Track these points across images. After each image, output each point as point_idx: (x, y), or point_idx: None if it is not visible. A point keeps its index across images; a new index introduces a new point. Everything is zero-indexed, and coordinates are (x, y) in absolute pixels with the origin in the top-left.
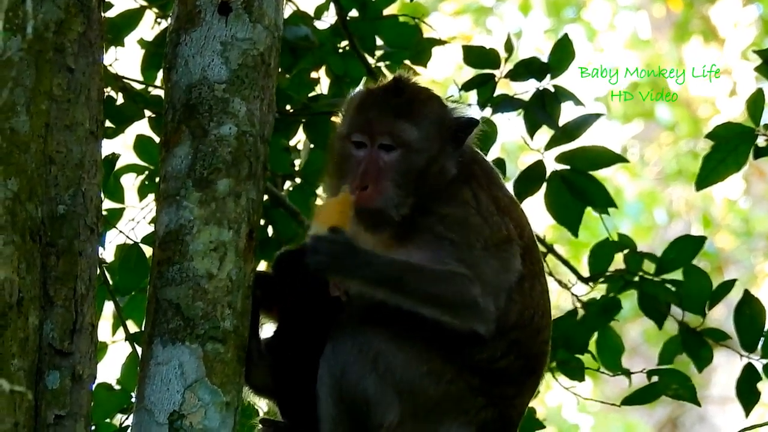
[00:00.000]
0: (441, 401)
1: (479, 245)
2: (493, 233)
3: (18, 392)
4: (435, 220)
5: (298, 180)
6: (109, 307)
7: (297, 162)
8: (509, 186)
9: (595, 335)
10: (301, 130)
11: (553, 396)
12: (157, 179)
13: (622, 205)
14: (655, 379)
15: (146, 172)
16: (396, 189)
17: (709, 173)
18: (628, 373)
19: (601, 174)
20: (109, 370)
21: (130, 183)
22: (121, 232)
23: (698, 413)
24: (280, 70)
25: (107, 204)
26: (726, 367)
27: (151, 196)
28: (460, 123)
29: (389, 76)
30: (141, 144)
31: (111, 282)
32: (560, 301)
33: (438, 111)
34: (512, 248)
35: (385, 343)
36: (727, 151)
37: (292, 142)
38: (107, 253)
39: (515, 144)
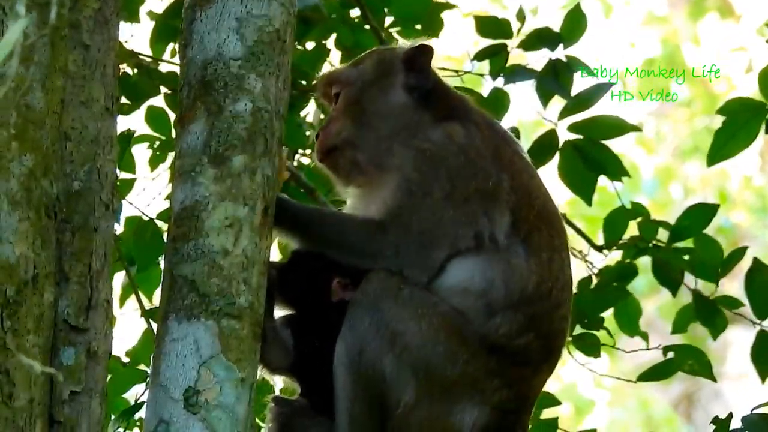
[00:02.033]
0: (457, 381)
1: (440, 194)
2: (472, 178)
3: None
4: (411, 154)
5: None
6: (117, 280)
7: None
8: None
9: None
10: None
11: (569, 372)
12: (169, 152)
13: (638, 181)
14: (670, 355)
15: (157, 143)
16: (344, 124)
17: (720, 148)
18: (646, 337)
19: (617, 150)
20: (118, 343)
21: (141, 154)
22: (131, 203)
23: (714, 389)
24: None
25: (119, 175)
26: (742, 343)
27: (161, 167)
28: (410, 49)
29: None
30: (153, 115)
31: (123, 255)
32: (577, 272)
33: (381, 52)
34: (493, 203)
35: (402, 323)
36: (738, 126)
37: (306, 117)
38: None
39: (531, 121)
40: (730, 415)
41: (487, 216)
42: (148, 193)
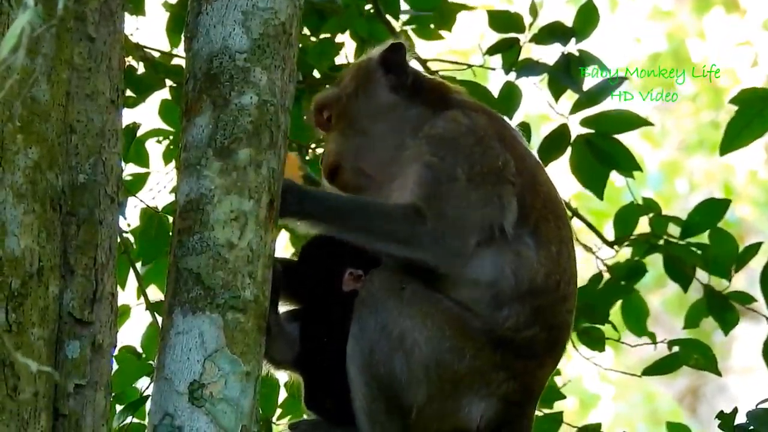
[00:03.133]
0: (464, 376)
1: (463, 176)
2: (483, 159)
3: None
4: (424, 142)
5: (318, 150)
6: (130, 273)
7: None
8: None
9: (619, 302)
10: None
11: (574, 366)
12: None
13: (643, 175)
14: (676, 349)
15: (170, 137)
16: (339, 140)
17: (734, 138)
18: (653, 337)
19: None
20: (132, 334)
21: (153, 148)
22: (141, 200)
23: (719, 384)
24: (307, 32)
25: (132, 169)
26: (747, 337)
27: (174, 162)
28: (383, 51)
29: (414, 39)
30: (166, 108)
31: (133, 248)
32: (585, 267)
33: (358, 63)
34: (502, 186)
35: (408, 321)
36: (750, 116)
37: None
38: (132, 218)
39: (538, 115)
40: (735, 410)
41: (500, 200)
42: (159, 187)
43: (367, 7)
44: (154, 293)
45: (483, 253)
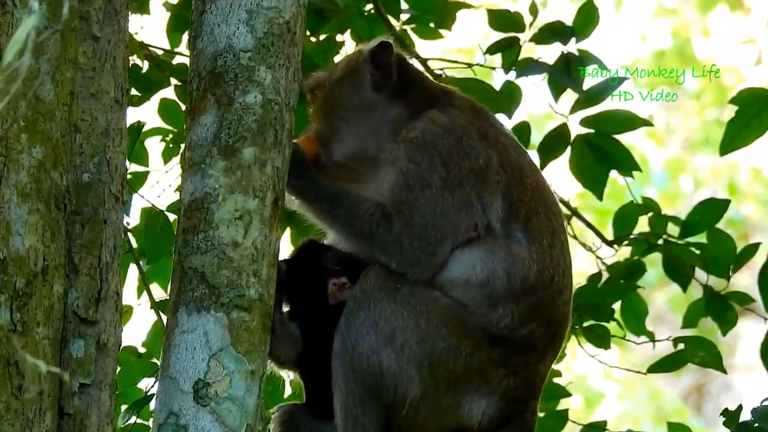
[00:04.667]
0: (462, 374)
1: (439, 182)
2: (462, 160)
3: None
4: (402, 146)
5: None
6: (133, 270)
7: None
8: (533, 153)
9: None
10: None
11: (579, 364)
12: (182, 144)
13: (648, 173)
14: (681, 346)
15: (170, 136)
16: (316, 123)
17: (733, 138)
18: (652, 337)
19: (626, 142)
20: (134, 334)
21: (154, 147)
22: (142, 197)
23: (724, 381)
24: (306, 32)
25: (132, 167)
26: (752, 335)
27: (175, 160)
28: (372, 47)
29: (414, 39)
30: (165, 107)
31: (135, 247)
32: (585, 266)
33: (351, 56)
34: (483, 185)
35: (400, 320)
36: (750, 116)
37: None
38: (133, 217)
39: (542, 114)
40: (740, 407)
41: (481, 201)
42: (162, 185)
43: (368, 7)
44: (155, 292)
45: (468, 253)
